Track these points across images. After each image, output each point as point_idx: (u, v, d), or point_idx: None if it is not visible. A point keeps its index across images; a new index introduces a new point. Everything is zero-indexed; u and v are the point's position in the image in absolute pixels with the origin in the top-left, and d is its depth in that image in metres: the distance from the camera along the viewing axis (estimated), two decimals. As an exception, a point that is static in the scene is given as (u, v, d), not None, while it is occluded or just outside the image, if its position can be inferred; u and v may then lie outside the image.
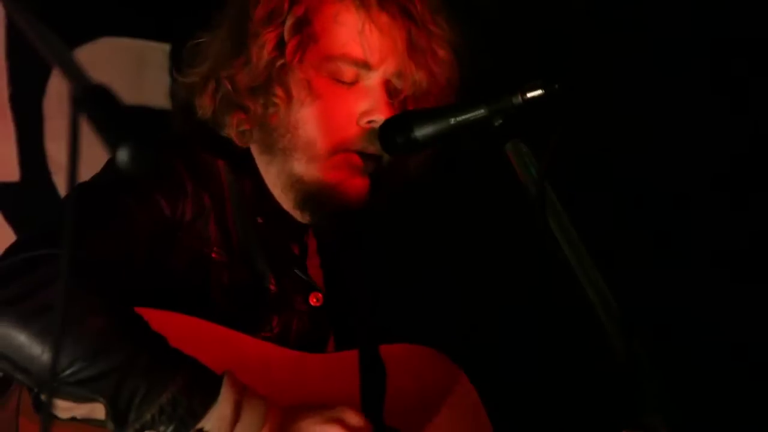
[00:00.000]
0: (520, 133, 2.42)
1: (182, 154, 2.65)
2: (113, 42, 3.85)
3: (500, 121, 2.46)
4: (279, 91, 2.68)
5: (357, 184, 2.70)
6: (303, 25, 2.70)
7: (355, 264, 2.89)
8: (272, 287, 2.68)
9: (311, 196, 2.70)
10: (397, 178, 2.80)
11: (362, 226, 2.81)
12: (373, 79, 2.71)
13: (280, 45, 2.69)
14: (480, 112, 2.50)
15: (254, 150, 2.76)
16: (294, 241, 2.76)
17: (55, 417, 2.31)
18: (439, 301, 3.84)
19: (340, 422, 2.42)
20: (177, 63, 2.85)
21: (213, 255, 2.62)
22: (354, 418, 2.44)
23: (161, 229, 2.55)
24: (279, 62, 2.68)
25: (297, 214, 2.75)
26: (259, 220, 2.71)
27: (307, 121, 2.69)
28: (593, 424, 2.74)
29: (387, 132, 2.68)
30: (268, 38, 2.68)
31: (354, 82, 2.71)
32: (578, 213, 2.36)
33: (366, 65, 2.70)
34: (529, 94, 2.44)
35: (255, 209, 2.71)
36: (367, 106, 2.69)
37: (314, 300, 2.73)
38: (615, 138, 4.07)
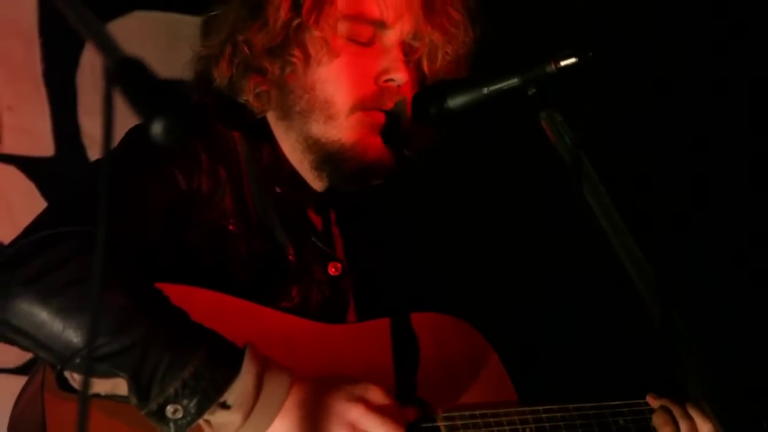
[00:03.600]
0: (554, 102, 2.41)
1: (197, 127, 2.65)
2: (145, 15, 3.85)
3: (534, 90, 2.45)
4: (296, 51, 2.68)
5: (377, 143, 2.70)
6: None
7: (377, 233, 2.89)
8: (291, 257, 2.68)
9: (330, 156, 2.71)
10: (416, 141, 2.80)
11: (382, 196, 2.81)
12: (390, 38, 2.72)
13: (296, 5, 2.70)
14: (513, 81, 2.48)
15: (271, 118, 2.76)
16: (313, 211, 2.76)
17: (79, 393, 2.32)
18: (471, 270, 3.84)
19: (364, 401, 2.41)
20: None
21: (230, 227, 2.62)
22: (378, 396, 2.43)
23: (177, 204, 2.55)
24: (296, 22, 2.68)
25: (316, 179, 2.75)
26: (278, 190, 2.71)
27: (324, 80, 2.69)
28: (623, 391, 2.74)
29: (420, 103, 2.68)
30: None
31: (370, 42, 2.71)
32: (613, 182, 2.35)
33: (382, 24, 2.71)
34: (563, 63, 2.42)
35: (273, 179, 2.71)
36: (385, 65, 2.71)
37: (333, 269, 2.73)
38: (649, 106, 4.05)
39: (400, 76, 2.70)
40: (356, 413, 2.39)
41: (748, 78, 4.14)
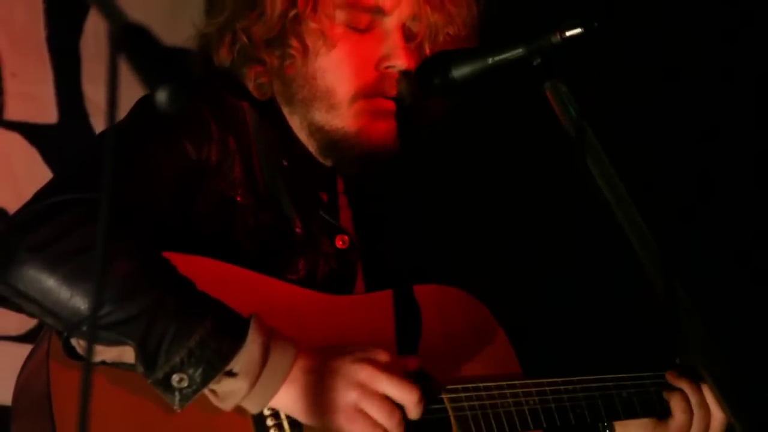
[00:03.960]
0: (559, 73, 2.40)
1: (207, 97, 2.64)
2: (149, -17, 3.84)
3: (539, 61, 2.44)
4: (294, 42, 2.66)
5: (380, 129, 2.69)
6: None
7: (384, 205, 2.88)
8: (298, 230, 2.67)
9: (334, 143, 2.70)
10: (422, 119, 2.79)
11: (389, 169, 2.80)
12: (389, 24, 2.69)
13: None
14: (518, 51, 2.48)
15: (277, 99, 2.75)
16: (321, 184, 2.76)
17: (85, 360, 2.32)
18: (473, 242, 3.84)
19: (370, 361, 2.42)
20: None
21: (238, 198, 2.61)
22: (383, 357, 2.44)
23: (187, 173, 2.55)
24: (292, 13, 2.65)
25: (322, 159, 2.75)
26: (284, 163, 2.70)
27: (325, 70, 2.68)
28: (628, 364, 2.74)
29: (424, 72, 2.67)
30: None
31: (370, 28, 2.69)
32: (617, 153, 2.35)
33: (380, 10, 2.68)
34: (568, 33, 2.41)
35: (280, 152, 2.71)
36: (385, 51, 2.68)
37: (340, 242, 2.73)
38: (655, 77, 4.04)
39: (400, 63, 2.68)
40: (365, 373, 2.40)
41: (757, 68, 4.12)
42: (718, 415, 2.70)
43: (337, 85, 2.68)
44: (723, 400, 2.32)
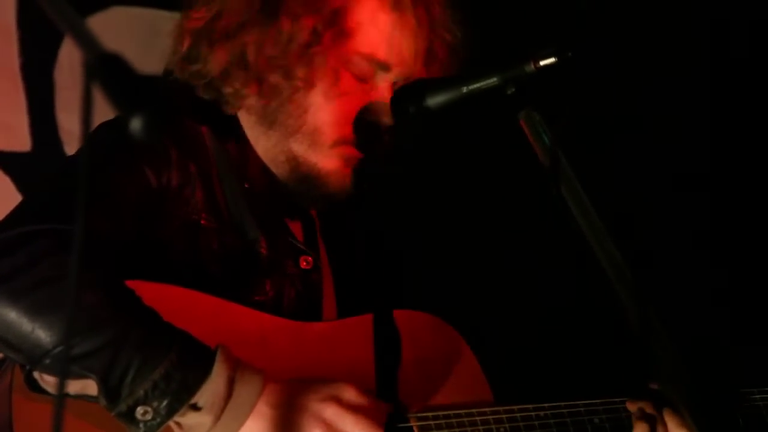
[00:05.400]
0: (533, 102, 2.42)
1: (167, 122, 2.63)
2: (124, 11, 3.84)
3: (513, 90, 2.45)
4: (301, 73, 2.68)
5: (347, 174, 2.74)
6: (339, 17, 2.69)
7: (358, 230, 2.90)
8: (263, 251, 2.68)
9: (303, 176, 2.72)
10: (378, 153, 2.81)
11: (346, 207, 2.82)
12: (384, 79, 2.73)
13: (317, 31, 2.68)
14: (492, 80, 2.49)
15: (246, 117, 2.75)
16: (284, 206, 2.76)
17: (48, 394, 2.31)
18: (446, 269, 3.84)
19: (337, 400, 2.41)
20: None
21: (202, 221, 2.61)
22: (352, 395, 2.43)
23: (148, 200, 2.54)
24: (315, 46, 2.67)
25: (283, 183, 2.75)
26: (246, 186, 2.71)
27: (318, 107, 2.69)
28: (601, 391, 2.74)
29: (399, 101, 2.68)
30: (307, 23, 2.67)
31: (368, 79, 2.72)
32: (591, 181, 2.36)
33: (385, 67, 2.72)
34: (542, 62, 2.43)
35: (241, 175, 2.71)
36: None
37: (304, 263, 2.74)
38: (628, 106, 4.07)
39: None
40: (331, 412, 2.39)
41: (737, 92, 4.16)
42: None
43: (326, 126, 2.70)
44: (695, 427, 2.32)
